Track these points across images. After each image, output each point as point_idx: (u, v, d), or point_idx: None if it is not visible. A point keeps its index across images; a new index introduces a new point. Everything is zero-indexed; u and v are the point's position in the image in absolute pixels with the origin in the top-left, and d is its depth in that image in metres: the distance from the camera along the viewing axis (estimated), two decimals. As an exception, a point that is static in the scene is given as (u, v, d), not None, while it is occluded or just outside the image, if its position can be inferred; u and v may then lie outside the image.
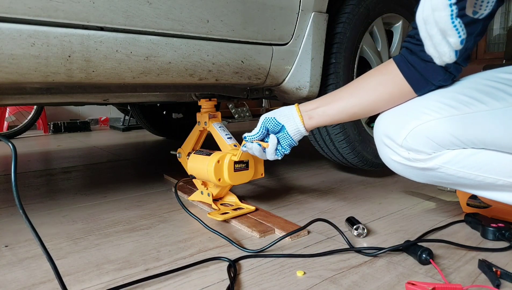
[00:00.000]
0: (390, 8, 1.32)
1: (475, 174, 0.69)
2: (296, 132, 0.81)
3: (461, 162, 0.69)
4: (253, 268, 0.70)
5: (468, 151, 0.68)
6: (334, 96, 0.80)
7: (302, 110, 0.81)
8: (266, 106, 4.19)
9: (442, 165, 0.70)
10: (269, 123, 0.82)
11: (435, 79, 0.69)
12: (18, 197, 0.51)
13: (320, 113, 0.79)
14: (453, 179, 0.72)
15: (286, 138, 0.82)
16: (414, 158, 0.72)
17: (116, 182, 1.37)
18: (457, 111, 0.66)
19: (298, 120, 0.80)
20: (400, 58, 0.71)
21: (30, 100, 1.28)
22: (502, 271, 0.64)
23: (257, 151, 0.83)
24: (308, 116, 0.80)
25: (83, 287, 0.64)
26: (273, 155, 0.83)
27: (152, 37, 0.80)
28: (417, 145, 0.70)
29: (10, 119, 2.98)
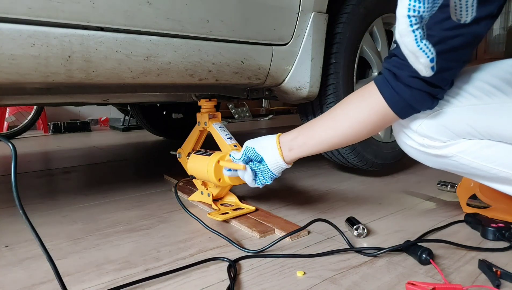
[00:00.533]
0: (390, 8, 1.32)
1: (489, 166, 0.68)
2: (276, 165, 0.80)
3: (475, 153, 0.68)
4: (253, 268, 0.70)
5: (484, 142, 0.67)
6: (314, 126, 0.78)
7: (282, 141, 0.79)
8: (266, 106, 4.19)
9: (456, 154, 0.70)
10: (249, 153, 0.82)
11: (422, 107, 0.67)
12: (18, 197, 0.51)
13: (300, 144, 0.78)
14: (466, 169, 0.71)
15: (265, 171, 0.81)
16: (429, 144, 0.71)
17: (116, 182, 1.37)
18: (477, 101, 0.64)
19: (276, 153, 0.79)
20: (383, 83, 0.68)
21: (30, 100, 1.28)
22: (502, 271, 0.64)
23: (240, 175, 0.85)
24: (288, 148, 0.79)
25: (83, 287, 0.64)
26: (253, 184, 0.84)
27: (152, 37, 0.80)
28: (432, 132, 0.69)
29: (10, 120, 2.98)
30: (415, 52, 0.51)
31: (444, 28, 0.59)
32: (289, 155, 0.79)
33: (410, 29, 0.50)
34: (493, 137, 0.66)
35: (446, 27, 0.58)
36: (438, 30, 0.60)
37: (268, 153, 0.80)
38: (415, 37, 0.50)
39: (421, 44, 0.50)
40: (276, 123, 3.56)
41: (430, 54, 0.53)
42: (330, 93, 1.21)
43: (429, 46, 0.50)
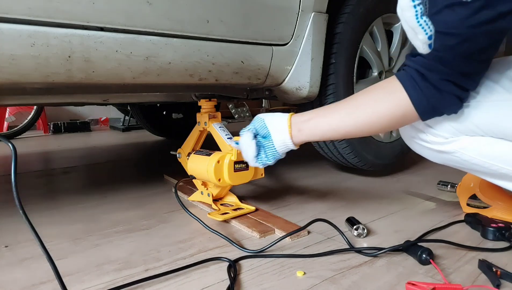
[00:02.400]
0: (390, 8, 1.32)
1: (490, 163, 0.69)
2: (282, 144, 0.76)
3: (477, 150, 0.69)
4: (253, 268, 0.70)
5: (486, 139, 0.67)
6: (329, 110, 0.75)
7: (293, 121, 0.76)
8: (266, 106, 4.19)
9: (458, 150, 0.71)
10: (258, 124, 0.79)
11: (449, 110, 0.66)
12: (18, 197, 0.51)
13: (311, 126, 0.74)
14: (468, 165, 0.72)
15: (270, 148, 0.77)
16: (432, 140, 0.72)
17: (116, 182, 1.37)
18: (480, 98, 0.65)
19: (285, 131, 0.75)
20: (410, 82, 0.64)
21: (30, 100, 1.28)
22: (502, 271, 0.64)
23: (243, 150, 0.80)
24: (298, 128, 0.75)
25: (83, 287, 0.64)
26: (253, 162, 0.79)
27: (152, 37, 0.80)
28: (436, 128, 0.70)
29: (10, 120, 2.98)
30: (414, 27, 0.51)
31: (468, 25, 0.55)
32: (298, 136, 0.75)
33: (411, 4, 0.50)
34: (495, 134, 0.66)
35: (470, 24, 0.54)
36: (463, 28, 0.55)
37: (276, 129, 0.76)
38: (415, 12, 0.50)
39: (420, 20, 0.50)
40: (276, 123, 3.55)
41: (429, 31, 0.53)
42: (330, 93, 1.21)
43: (428, 23, 0.50)
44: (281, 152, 0.78)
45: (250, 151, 0.78)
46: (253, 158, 0.78)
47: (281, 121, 0.77)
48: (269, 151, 0.78)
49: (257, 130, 0.79)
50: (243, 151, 0.81)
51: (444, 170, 0.93)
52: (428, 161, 0.80)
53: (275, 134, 0.76)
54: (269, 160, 0.78)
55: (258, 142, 0.79)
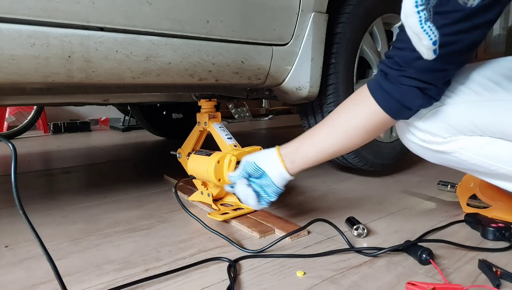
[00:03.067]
0: (390, 8, 1.32)
1: (489, 163, 0.68)
2: (280, 178, 0.78)
3: (476, 149, 0.68)
4: (253, 268, 0.70)
5: (484, 139, 0.67)
6: (312, 135, 0.77)
7: (283, 154, 0.78)
8: (266, 106, 4.19)
9: (457, 150, 0.70)
10: (249, 168, 0.80)
11: (413, 104, 0.67)
12: (18, 197, 0.51)
13: (301, 156, 0.77)
14: (466, 165, 0.72)
15: (269, 186, 0.79)
16: (430, 140, 0.71)
17: (116, 182, 1.37)
18: (479, 97, 0.64)
19: (280, 166, 0.77)
20: (375, 86, 0.69)
21: (30, 100, 1.28)
22: (502, 271, 0.64)
23: (242, 198, 0.81)
24: (290, 161, 0.77)
25: (83, 287, 0.64)
26: (257, 206, 0.80)
27: (152, 37, 0.80)
28: (434, 128, 0.69)
29: (10, 120, 2.98)
30: (419, 33, 0.52)
31: (444, 34, 0.59)
32: (292, 167, 0.78)
33: (415, 10, 0.50)
34: (494, 133, 0.66)
35: (446, 32, 0.58)
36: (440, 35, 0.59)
37: (270, 167, 0.78)
38: (419, 18, 0.50)
39: (425, 26, 0.51)
40: (276, 123, 3.56)
41: (434, 36, 0.54)
42: (330, 93, 1.21)
43: (433, 28, 0.51)
44: (281, 186, 0.80)
45: (251, 198, 0.79)
46: (256, 203, 0.80)
47: (271, 158, 0.79)
48: (269, 189, 0.79)
49: (250, 173, 0.81)
50: (242, 200, 0.82)
51: (444, 170, 0.93)
52: (428, 161, 0.79)
53: (271, 172, 0.78)
54: (272, 198, 0.81)
55: (254, 185, 0.81)
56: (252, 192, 0.79)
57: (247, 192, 0.79)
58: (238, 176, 0.82)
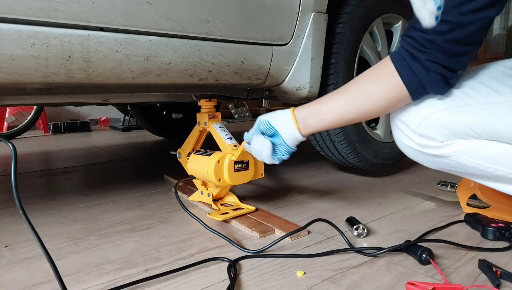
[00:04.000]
0: (390, 8, 1.32)
1: (486, 165, 0.69)
2: (292, 139, 0.79)
3: (472, 152, 0.69)
4: (253, 268, 0.70)
5: (480, 142, 0.68)
6: (330, 101, 0.77)
7: (297, 115, 0.78)
8: (266, 106, 4.19)
9: (453, 154, 0.70)
10: (262, 126, 0.81)
11: (434, 90, 0.68)
12: (18, 197, 0.51)
13: (316, 119, 0.77)
14: (463, 168, 0.72)
15: (282, 145, 0.80)
16: (426, 144, 0.72)
17: (116, 182, 1.37)
18: (473, 101, 0.65)
19: (293, 126, 0.78)
20: (400, 62, 0.68)
21: (30, 100, 1.28)
22: (502, 271, 0.64)
23: (257, 151, 0.82)
24: (304, 123, 0.78)
25: (83, 287, 0.64)
26: (270, 159, 0.81)
27: (152, 37, 0.80)
28: (430, 132, 0.70)
29: (10, 120, 2.98)
30: None
31: (461, 13, 0.59)
32: (305, 129, 0.78)
33: None
34: (489, 136, 0.66)
35: (463, 11, 0.58)
36: (456, 15, 0.59)
37: (283, 127, 0.79)
38: None
39: None
40: (276, 123, 3.55)
41: (439, 1, 0.54)
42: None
43: None
44: (293, 146, 0.81)
45: (266, 149, 0.80)
46: (270, 156, 0.81)
47: (286, 118, 0.79)
48: (281, 147, 0.80)
49: (263, 131, 0.81)
50: (257, 151, 0.83)
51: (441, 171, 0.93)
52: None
53: (284, 131, 0.79)
54: (284, 155, 0.81)
55: None
56: (268, 142, 0.80)
57: (263, 142, 0.80)
58: (252, 133, 0.84)
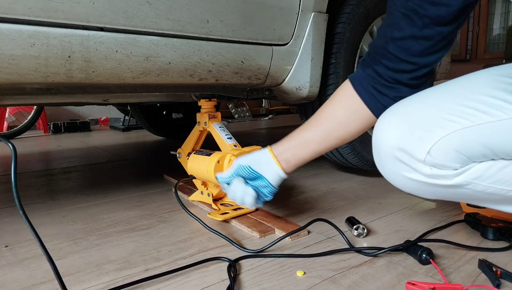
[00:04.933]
0: (390, 8, 1.32)
1: (507, 189, 0.61)
2: (277, 179, 0.79)
3: (492, 177, 0.61)
4: (253, 268, 0.70)
5: (499, 163, 0.60)
6: (304, 139, 0.78)
7: (277, 155, 0.78)
8: (266, 106, 4.19)
9: (472, 181, 0.61)
10: (243, 172, 0.80)
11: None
12: (18, 197, 0.51)
13: (296, 157, 0.78)
14: (480, 196, 0.64)
15: (266, 187, 0.79)
16: (437, 174, 0.62)
17: (116, 182, 1.37)
18: (491, 118, 0.57)
19: (277, 167, 0.78)
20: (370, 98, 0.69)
21: (30, 100, 1.28)
22: (502, 271, 0.64)
23: (238, 197, 0.81)
24: (285, 161, 0.78)
25: (83, 287, 0.64)
26: (253, 205, 0.80)
27: (152, 37, 0.80)
28: (443, 159, 0.60)
29: (10, 120, 2.98)
30: None
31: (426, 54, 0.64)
32: (288, 167, 0.79)
33: None
34: (508, 155, 0.59)
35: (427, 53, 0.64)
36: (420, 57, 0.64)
37: (266, 169, 0.79)
38: None
39: None
40: (276, 123, 3.56)
41: None
42: (330, 93, 1.21)
43: None
44: (277, 186, 0.81)
45: (250, 197, 0.79)
46: (254, 202, 0.80)
47: (267, 161, 0.79)
48: (266, 189, 0.80)
49: (243, 176, 0.80)
50: (238, 198, 0.81)
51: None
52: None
53: (268, 173, 0.79)
54: (267, 197, 0.81)
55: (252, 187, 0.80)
56: (252, 191, 0.79)
57: (246, 190, 0.79)
58: (229, 176, 0.82)
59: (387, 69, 0.66)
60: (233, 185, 0.81)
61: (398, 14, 0.63)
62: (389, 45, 0.65)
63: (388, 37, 0.65)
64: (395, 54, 0.64)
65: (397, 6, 0.63)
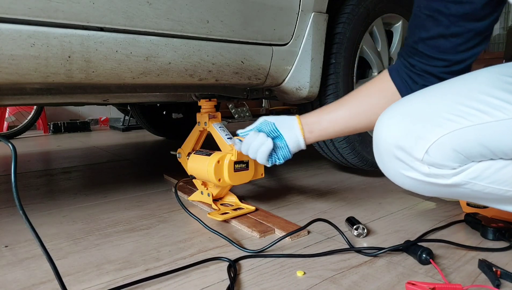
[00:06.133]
0: (390, 8, 1.32)
1: (505, 189, 0.61)
2: (295, 144, 0.79)
3: (490, 176, 0.61)
4: (253, 268, 0.70)
5: (498, 163, 0.60)
6: (334, 113, 0.78)
7: (303, 122, 0.79)
8: (266, 106, 4.19)
9: (469, 181, 0.62)
10: (266, 127, 0.79)
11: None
12: (18, 197, 0.51)
13: (321, 128, 0.78)
14: (478, 195, 0.64)
15: (282, 149, 0.79)
16: (436, 173, 0.62)
17: (116, 182, 1.37)
18: (490, 118, 0.57)
19: (299, 132, 0.78)
20: (403, 85, 0.71)
21: (30, 100, 1.28)
22: (502, 271, 0.64)
23: (254, 147, 0.79)
24: (309, 130, 0.78)
25: (83, 287, 0.64)
26: (265, 159, 0.79)
27: (152, 37, 0.80)
28: (441, 159, 0.60)
29: (10, 120, 2.98)
30: None
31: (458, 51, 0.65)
32: (310, 137, 0.79)
33: None
34: (507, 155, 0.59)
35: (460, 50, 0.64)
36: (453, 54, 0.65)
37: (289, 131, 0.79)
38: None
39: None
40: (276, 123, 3.55)
41: None
42: (330, 93, 1.21)
43: None
44: (292, 152, 0.80)
45: (265, 148, 0.78)
46: (266, 155, 0.79)
47: (292, 123, 0.79)
48: (281, 151, 0.80)
49: (265, 132, 0.80)
50: (253, 148, 0.80)
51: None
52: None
53: (288, 136, 0.79)
54: (279, 160, 0.81)
55: None
56: (270, 142, 0.77)
57: (264, 141, 0.78)
58: (251, 130, 0.82)
59: (419, 62, 0.68)
60: (252, 135, 0.80)
61: (423, 16, 0.65)
62: (419, 44, 0.67)
63: (417, 37, 0.67)
64: (426, 53, 0.67)
65: (421, 8, 0.65)
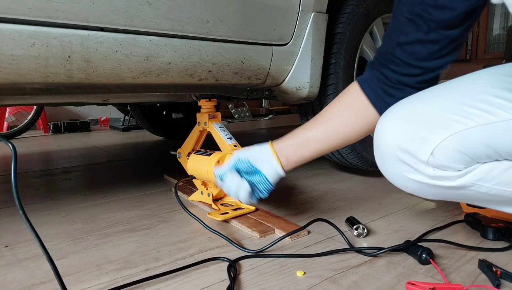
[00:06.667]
0: (390, 8, 1.32)
1: (511, 191, 0.60)
2: (275, 176, 0.78)
3: (496, 178, 0.60)
4: (253, 268, 0.70)
5: (503, 164, 0.59)
6: (309, 137, 0.77)
7: (278, 151, 0.77)
8: (266, 106, 4.19)
9: (475, 183, 0.61)
10: (241, 165, 0.78)
11: None
12: (18, 197, 0.51)
13: (297, 155, 0.77)
14: (483, 197, 0.63)
15: (263, 183, 0.77)
16: (441, 175, 0.61)
17: (116, 182, 1.37)
18: (495, 118, 0.55)
19: (276, 164, 0.76)
20: (377, 98, 0.69)
21: (30, 100, 1.28)
22: (502, 271, 0.64)
23: (232, 191, 0.78)
24: (285, 158, 0.77)
25: (83, 287, 0.64)
26: (248, 200, 0.78)
27: (152, 37, 0.80)
28: (446, 160, 0.59)
29: (10, 120, 2.98)
30: None
31: (433, 58, 0.64)
32: (288, 164, 0.78)
33: None
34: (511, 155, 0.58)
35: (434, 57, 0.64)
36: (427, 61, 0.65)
37: (266, 164, 0.77)
38: None
39: None
40: (276, 123, 3.56)
41: None
42: (330, 93, 1.21)
43: None
44: (274, 184, 0.79)
45: (244, 191, 0.76)
46: (248, 197, 0.77)
47: (266, 155, 0.78)
48: (262, 186, 0.78)
49: (240, 170, 0.79)
50: (232, 192, 0.79)
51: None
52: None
53: (266, 169, 0.77)
54: (263, 195, 0.79)
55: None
56: (247, 185, 0.76)
57: (241, 184, 0.76)
58: (226, 170, 0.80)
59: (394, 73, 0.66)
60: (228, 178, 0.79)
61: (404, 20, 0.63)
62: (396, 50, 0.65)
63: (394, 42, 0.65)
64: (402, 59, 0.64)
65: (402, 11, 0.63)
